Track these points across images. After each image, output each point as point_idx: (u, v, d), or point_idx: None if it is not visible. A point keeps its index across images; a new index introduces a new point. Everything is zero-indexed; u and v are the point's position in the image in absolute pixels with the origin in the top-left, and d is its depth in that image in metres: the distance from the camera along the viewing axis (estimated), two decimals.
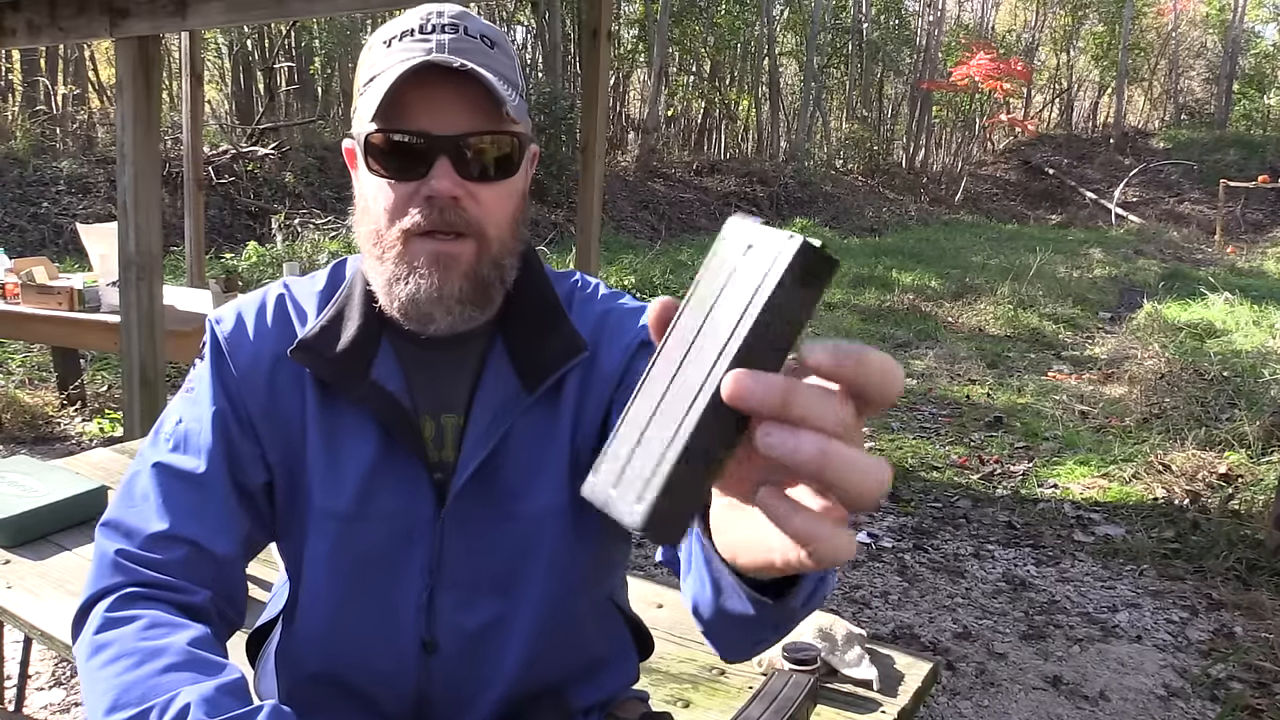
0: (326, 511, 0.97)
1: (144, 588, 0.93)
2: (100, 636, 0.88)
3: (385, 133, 0.89)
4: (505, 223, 0.94)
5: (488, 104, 0.89)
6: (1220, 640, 3.06)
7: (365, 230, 0.94)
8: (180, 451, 0.97)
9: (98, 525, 0.98)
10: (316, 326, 0.98)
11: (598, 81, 3.55)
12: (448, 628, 0.99)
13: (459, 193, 0.88)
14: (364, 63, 0.94)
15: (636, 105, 22.97)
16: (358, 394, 0.95)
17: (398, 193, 0.90)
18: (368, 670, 1.00)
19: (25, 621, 1.53)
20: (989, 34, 30.23)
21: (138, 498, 0.96)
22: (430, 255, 0.90)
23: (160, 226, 3.88)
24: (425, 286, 0.90)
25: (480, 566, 0.98)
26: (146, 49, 3.67)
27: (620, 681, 1.12)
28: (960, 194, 23.49)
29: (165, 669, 0.84)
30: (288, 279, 1.06)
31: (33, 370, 5.64)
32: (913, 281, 10.77)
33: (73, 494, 1.88)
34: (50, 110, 13.04)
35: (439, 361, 0.99)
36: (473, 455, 0.96)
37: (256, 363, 0.98)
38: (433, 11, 0.92)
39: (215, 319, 1.02)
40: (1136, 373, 6.43)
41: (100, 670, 0.86)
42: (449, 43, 0.89)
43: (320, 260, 8.89)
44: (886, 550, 3.70)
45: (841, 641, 1.51)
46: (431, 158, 0.88)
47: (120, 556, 0.93)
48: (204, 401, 0.98)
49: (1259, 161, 22.53)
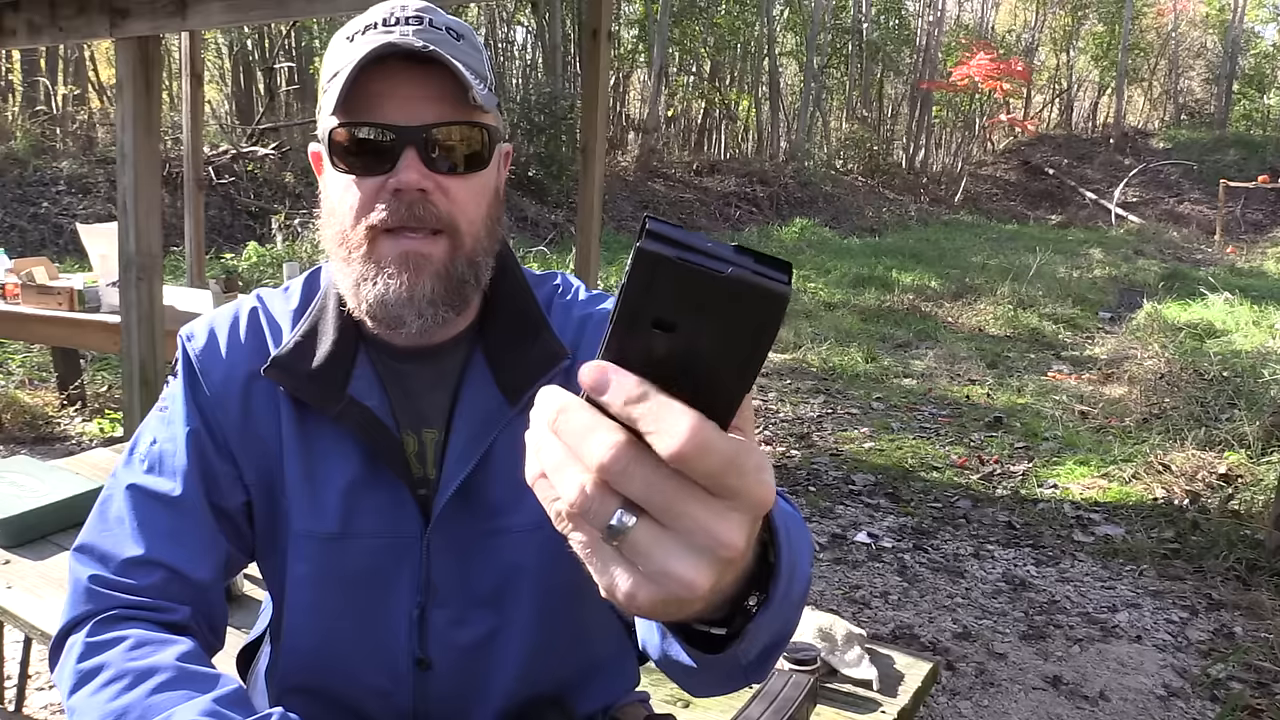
0: (307, 532, 0.94)
1: (122, 609, 0.90)
2: (85, 664, 0.86)
3: (348, 126, 0.86)
4: (478, 219, 0.90)
5: (454, 93, 0.86)
6: (1220, 640, 3.06)
7: (331, 232, 0.91)
8: (155, 473, 0.94)
9: (71, 550, 0.95)
10: (290, 343, 0.94)
11: (598, 81, 3.55)
12: (441, 644, 0.97)
13: (427, 184, 0.85)
14: (327, 61, 0.91)
15: (636, 105, 22.96)
16: (335, 411, 0.92)
17: (363, 189, 0.86)
18: (362, 688, 0.98)
19: (25, 621, 1.53)
20: (989, 34, 30.23)
21: (112, 521, 0.94)
22: (400, 255, 0.86)
23: (160, 226, 3.88)
24: (394, 287, 0.86)
25: (471, 582, 0.96)
26: (146, 49, 3.67)
27: (621, 685, 1.11)
28: (960, 194, 23.49)
29: (158, 688, 0.82)
30: (262, 292, 1.03)
31: (33, 370, 5.64)
32: (913, 281, 10.77)
33: (73, 494, 1.88)
34: (50, 110, 13.03)
35: (417, 375, 0.96)
36: (455, 473, 0.93)
37: (229, 381, 0.95)
38: (396, 5, 0.90)
39: (187, 335, 0.98)
40: (1136, 373, 6.43)
41: (91, 698, 0.83)
42: (414, 34, 0.86)
43: (320, 260, 8.89)
44: (886, 550, 3.70)
45: (841, 641, 1.51)
46: (397, 150, 0.85)
47: (94, 583, 0.91)
48: (178, 421, 0.95)
49: (1259, 161, 22.53)
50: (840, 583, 3.40)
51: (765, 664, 0.69)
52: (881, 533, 3.86)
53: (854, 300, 9.64)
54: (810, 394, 6.10)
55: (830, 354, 7.11)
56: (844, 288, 10.29)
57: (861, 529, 3.88)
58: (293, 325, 0.97)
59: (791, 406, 5.78)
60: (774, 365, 6.90)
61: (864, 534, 3.82)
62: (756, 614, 0.53)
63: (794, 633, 0.71)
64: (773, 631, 0.61)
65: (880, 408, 5.85)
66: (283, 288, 1.03)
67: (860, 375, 6.67)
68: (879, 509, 4.14)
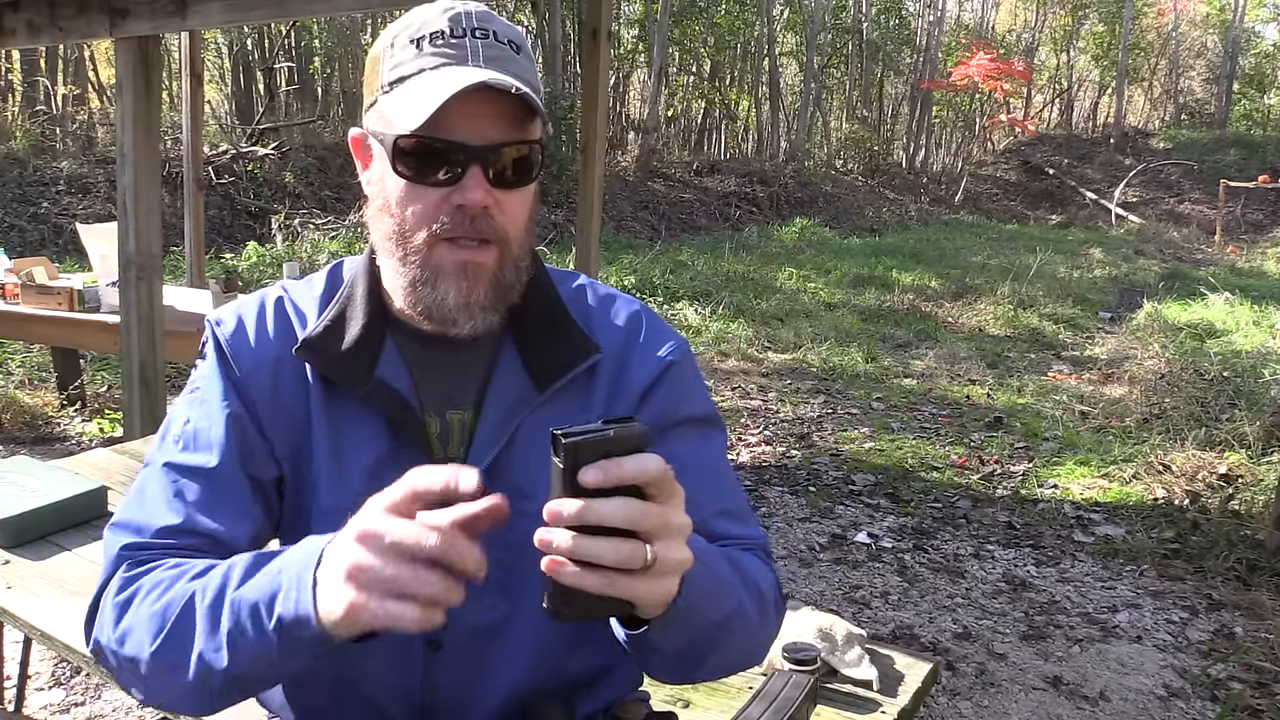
0: (332, 507, 0.96)
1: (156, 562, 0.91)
2: (121, 596, 0.87)
3: (421, 139, 0.88)
4: (524, 225, 0.95)
5: (519, 113, 0.89)
6: (1220, 640, 3.06)
7: (385, 229, 0.94)
8: (190, 450, 0.96)
9: (105, 528, 0.96)
10: (320, 326, 0.98)
11: (598, 81, 3.55)
12: (452, 625, 0.97)
13: (489, 202, 0.89)
14: (387, 59, 0.93)
15: (636, 105, 22.95)
16: (363, 391, 0.96)
17: (426, 198, 0.90)
18: (371, 668, 1.00)
19: (25, 621, 1.53)
20: (989, 34, 30.22)
21: (148, 498, 0.95)
22: (458, 265, 0.91)
23: (160, 226, 3.88)
24: (454, 294, 0.91)
25: (486, 564, 0.97)
26: (146, 49, 3.67)
27: (626, 684, 1.12)
28: (960, 194, 23.49)
29: (196, 575, 0.84)
30: (285, 282, 1.06)
31: (33, 370, 5.64)
32: (913, 281, 10.77)
33: (73, 494, 1.88)
34: (50, 110, 13.03)
35: (445, 360, 0.99)
36: (483, 453, 0.96)
37: (260, 363, 0.98)
38: (460, 13, 0.91)
39: (215, 320, 1.01)
40: (1136, 373, 6.43)
41: (134, 614, 0.85)
42: (483, 49, 0.89)
43: (320, 260, 8.89)
44: (886, 550, 3.70)
45: (841, 641, 1.51)
46: (464, 167, 0.88)
47: (129, 550, 0.92)
48: (213, 399, 0.97)
49: (1259, 161, 22.53)
50: (840, 583, 3.40)
51: (695, 659, 0.86)
52: (881, 533, 3.86)
53: (854, 300, 9.64)
54: (810, 394, 6.10)
55: (830, 354, 7.11)
56: (844, 288, 10.29)
57: (861, 529, 3.88)
58: (319, 311, 1.00)
59: (791, 406, 5.78)
60: (774, 366, 6.91)
61: (864, 534, 3.82)
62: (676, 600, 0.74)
63: (730, 645, 0.88)
64: (692, 628, 0.80)
65: (880, 408, 5.85)
66: (306, 279, 1.06)
67: (860, 375, 6.67)
68: (879, 509, 4.14)
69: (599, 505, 0.64)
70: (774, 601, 0.97)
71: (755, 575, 0.93)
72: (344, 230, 10.24)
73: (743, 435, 5.14)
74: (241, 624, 0.77)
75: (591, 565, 0.65)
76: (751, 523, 1.03)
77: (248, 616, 0.77)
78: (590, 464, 0.64)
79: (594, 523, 0.64)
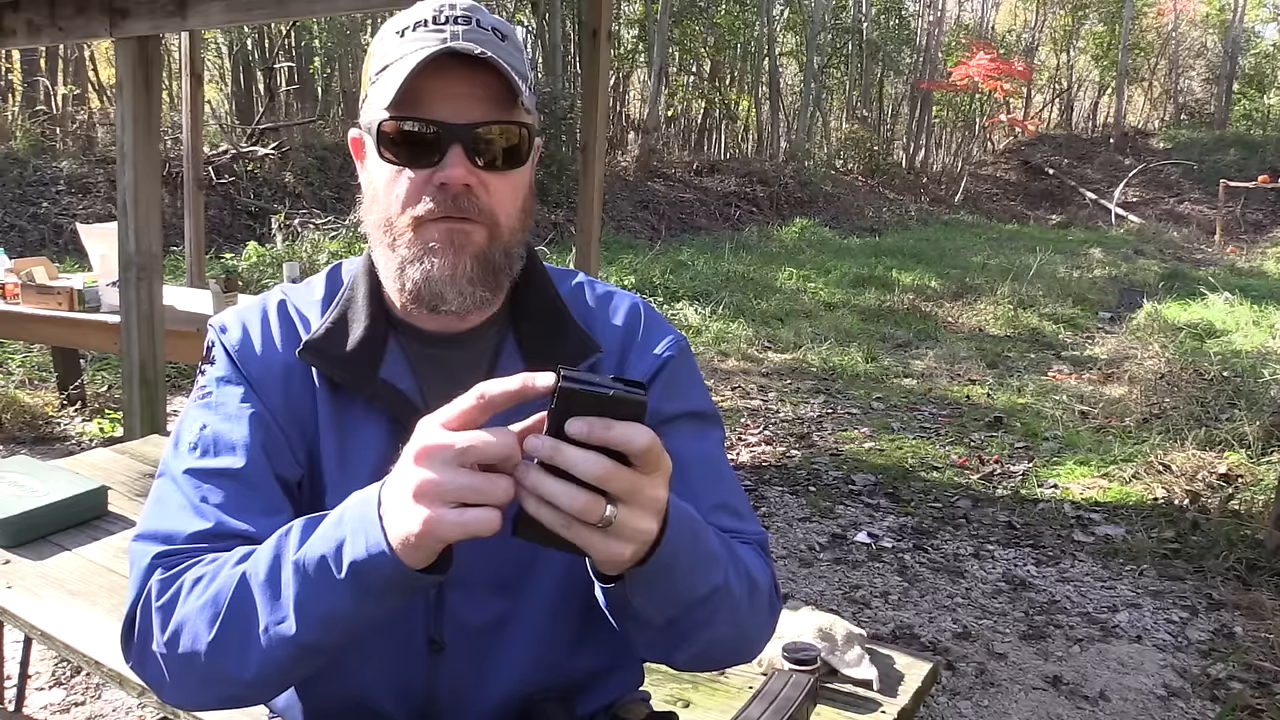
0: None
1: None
2: (163, 598, 0.85)
3: (399, 120, 0.90)
4: (515, 212, 0.95)
5: (501, 94, 0.90)
6: (1220, 640, 3.06)
7: (375, 218, 0.95)
8: (212, 455, 0.94)
9: (130, 541, 0.94)
10: (322, 328, 0.98)
11: (598, 81, 3.55)
12: (455, 625, 0.98)
13: (471, 180, 0.90)
14: (375, 53, 0.95)
15: (636, 105, 22.96)
16: (369, 392, 0.96)
17: (410, 180, 0.91)
18: (375, 671, 1.00)
19: (25, 621, 1.53)
20: (989, 34, 30.22)
21: (171, 506, 0.92)
22: (444, 232, 0.91)
23: (160, 226, 3.88)
24: (439, 265, 0.91)
25: (489, 564, 0.97)
26: (146, 49, 3.67)
27: (626, 684, 1.12)
28: (960, 194, 23.49)
29: (241, 559, 0.83)
30: (284, 286, 1.06)
31: (33, 370, 5.63)
32: (913, 281, 10.77)
33: (73, 494, 1.88)
34: (50, 110, 13.03)
35: (447, 359, 0.99)
36: None
37: (269, 369, 0.98)
38: (445, 4, 0.93)
39: (219, 327, 1.01)
40: (1136, 373, 6.43)
41: (183, 609, 0.83)
42: (463, 33, 0.90)
43: (320, 260, 8.88)
44: (886, 550, 3.70)
45: (841, 641, 1.51)
46: (445, 146, 0.89)
47: (160, 559, 0.89)
48: (231, 402, 0.96)
49: (1259, 161, 22.51)
50: (840, 583, 3.40)
51: (678, 635, 0.86)
52: (881, 533, 3.86)
53: (854, 300, 9.64)
54: (810, 394, 6.10)
55: (830, 354, 7.11)
56: (844, 288, 10.29)
57: (861, 529, 3.88)
58: (321, 314, 1.00)
59: (791, 406, 5.78)
60: (774, 365, 6.91)
61: (864, 534, 3.83)
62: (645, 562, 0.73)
63: (715, 626, 0.87)
64: (673, 595, 0.80)
65: (880, 408, 5.85)
66: (305, 282, 1.06)
67: (860, 375, 6.67)
68: (879, 509, 4.14)
69: (570, 452, 0.65)
70: (767, 594, 0.96)
71: (747, 561, 0.93)
72: (344, 230, 10.22)
73: (743, 435, 5.14)
74: (310, 582, 0.77)
75: (551, 505, 0.66)
76: (750, 519, 1.03)
77: (315, 573, 0.76)
78: (580, 416, 0.64)
79: (563, 467, 0.65)
